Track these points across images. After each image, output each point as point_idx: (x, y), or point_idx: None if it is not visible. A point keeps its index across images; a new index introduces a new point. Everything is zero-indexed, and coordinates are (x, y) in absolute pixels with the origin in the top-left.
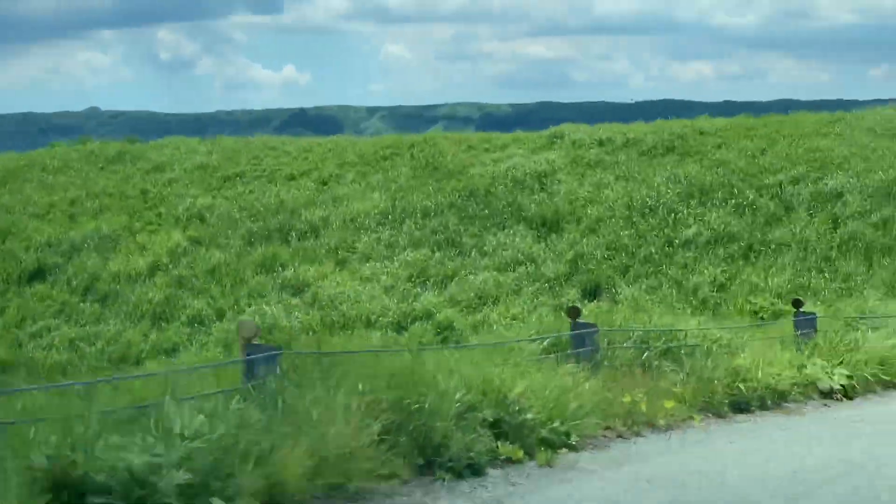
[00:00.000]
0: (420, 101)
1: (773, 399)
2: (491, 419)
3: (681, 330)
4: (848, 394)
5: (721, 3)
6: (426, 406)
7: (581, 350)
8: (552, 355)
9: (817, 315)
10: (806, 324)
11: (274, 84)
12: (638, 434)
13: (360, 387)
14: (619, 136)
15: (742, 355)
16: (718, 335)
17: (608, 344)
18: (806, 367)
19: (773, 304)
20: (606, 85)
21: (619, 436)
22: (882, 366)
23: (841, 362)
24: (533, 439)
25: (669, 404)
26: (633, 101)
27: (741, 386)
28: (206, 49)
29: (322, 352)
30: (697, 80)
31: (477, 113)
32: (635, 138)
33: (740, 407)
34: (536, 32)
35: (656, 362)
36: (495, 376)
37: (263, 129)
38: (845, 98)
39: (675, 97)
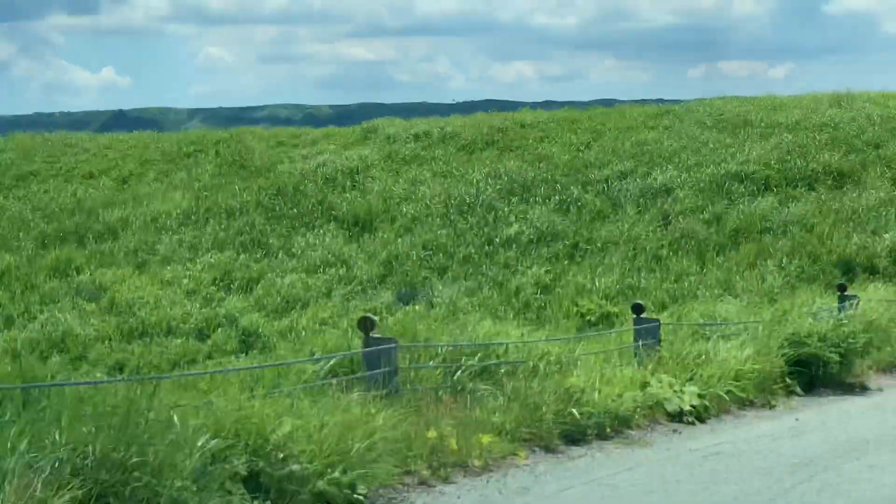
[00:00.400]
0: (241, 103)
1: (614, 425)
2: (245, 472)
3: (500, 343)
4: (700, 415)
5: (542, 3)
6: (153, 458)
7: (375, 372)
8: (338, 378)
9: (660, 322)
10: (647, 333)
11: (93, 86)
12: (446, 480)
13: (58, 436)
14: (436, 129)
15: (575, 373)
16: (546, 349)
17: (410, 363)
18: (650, 384)
19: (600, 305)
20: (427, 86)
21: (422, 482)
22: (737, 381)
23: (690, 378)
24: (304, 496)
25: (486, 439)
26: (454, 102)
27: (574, 411)
28: (21, 50)
29: (13, 386)
30: (518, 80)
31: (298, 114)
32: (453, 132)
33: (574, 438)
34: (357, 34)
35: (470, 385)
36: (254, 413)
37: (83, 131)
38: (666, 98)
39: (497, 97)
